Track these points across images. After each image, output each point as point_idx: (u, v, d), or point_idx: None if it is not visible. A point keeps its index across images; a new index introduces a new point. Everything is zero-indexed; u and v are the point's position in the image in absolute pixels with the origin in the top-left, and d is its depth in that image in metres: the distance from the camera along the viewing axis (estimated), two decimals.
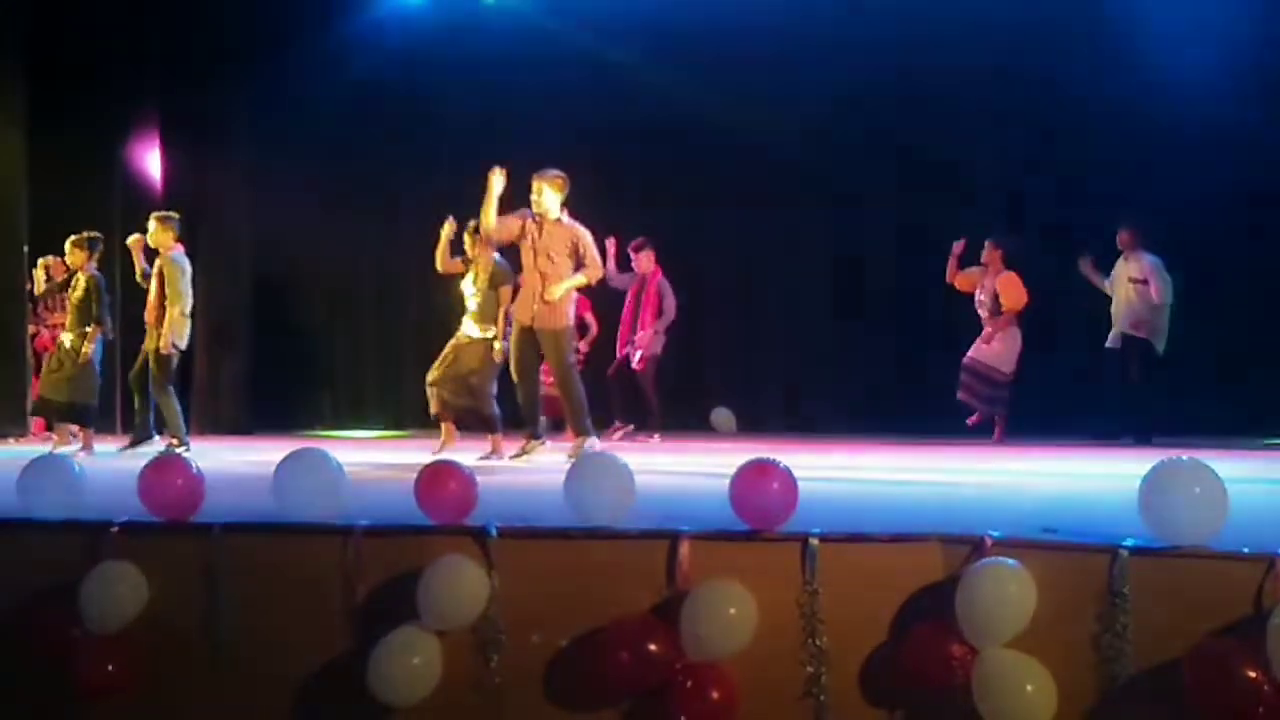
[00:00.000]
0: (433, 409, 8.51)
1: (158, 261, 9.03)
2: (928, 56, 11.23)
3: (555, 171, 7.89)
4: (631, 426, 10.82)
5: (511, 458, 8.02)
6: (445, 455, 6.80)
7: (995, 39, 11.12)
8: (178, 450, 8.47)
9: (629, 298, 11.04)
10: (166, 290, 8.86)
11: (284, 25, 12.01)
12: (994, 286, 10.55)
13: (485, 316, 8.41)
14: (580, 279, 7.95)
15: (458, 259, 8.64)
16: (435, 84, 12.17)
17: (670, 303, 10.98)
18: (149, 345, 8.99)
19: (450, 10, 12.42)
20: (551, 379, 9.35)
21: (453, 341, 8.53)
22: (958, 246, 10.68)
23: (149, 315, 9.01)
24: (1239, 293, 10.79)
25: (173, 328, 8.82)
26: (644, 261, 10.99)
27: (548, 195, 7.84)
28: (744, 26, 11.75)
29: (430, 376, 8.49)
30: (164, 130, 12.77)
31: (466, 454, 7.93)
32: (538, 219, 7.87)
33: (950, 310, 11.00)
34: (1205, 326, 10.44)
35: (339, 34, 12.18)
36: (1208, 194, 10.57)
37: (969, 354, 10.61)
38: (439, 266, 8.70)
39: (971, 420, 10.56)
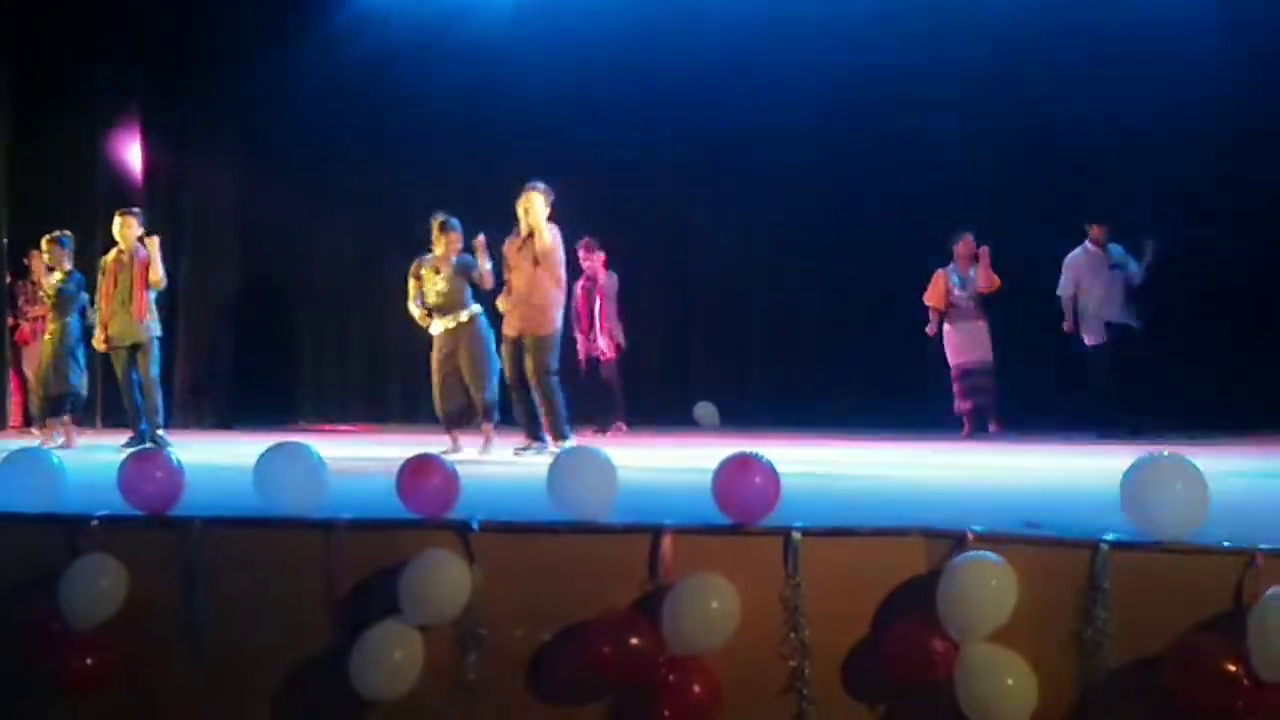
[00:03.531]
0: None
1: (124, 255, 8.91)
2: (917, 57, 11.21)
3: (542, 184, 7.97)
4: (596, 428, 10.72)
5: (516, 451, 7.91)
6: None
7: (981, 38, 11.12)
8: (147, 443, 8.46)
9: (579, 296, 11.00)
10: (149, 275, 8.81)
11: (269, 19, 11.95)
12: (978, 274, 10.54)
13: (454, 304, 8.17)
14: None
15: (410, 281, 8.38)
16: (420, 79, 12.12)
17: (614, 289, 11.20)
18: (127, 340, 8.85)
19: (435, 7, 12.37)
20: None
21: (434, 354, 8.26)
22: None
23: (121, 309, 8.86)
24: (1234, 288, 10.76)
25: (150, 313, 8.83)
26: (594, 261, 11.03)
27: (537, 205, 7.93)
28: (732, 26, 11.73)
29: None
30: (146, 124, 12.71)
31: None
32: (525, 230, 7.96)
33: None
34: (1199, 322, 10.46)
35: (324, 29, 12.12)
36: (1205, 190, 10.58)
37: (973, 358, 10.58)
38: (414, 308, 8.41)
39: (974, 427, 10.56)
